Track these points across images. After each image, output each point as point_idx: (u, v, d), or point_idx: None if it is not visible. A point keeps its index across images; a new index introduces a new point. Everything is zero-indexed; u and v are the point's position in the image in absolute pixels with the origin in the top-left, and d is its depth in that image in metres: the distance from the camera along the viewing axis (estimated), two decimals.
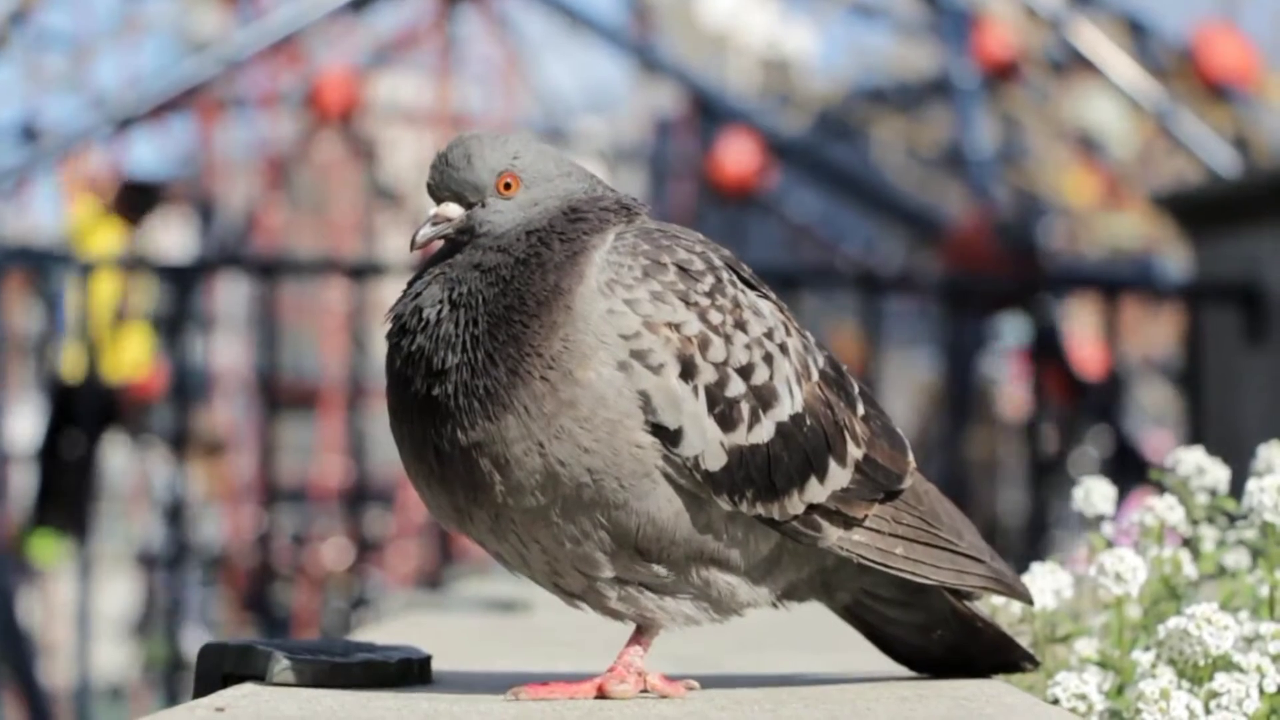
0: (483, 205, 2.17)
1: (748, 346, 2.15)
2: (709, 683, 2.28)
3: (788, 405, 2.16)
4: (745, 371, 2.14)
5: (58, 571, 12.40)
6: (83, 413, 9.95)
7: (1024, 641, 2.45)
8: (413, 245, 2.18)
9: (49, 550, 11.45)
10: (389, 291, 8.99)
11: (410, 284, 2.17)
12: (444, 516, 2.17)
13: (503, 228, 2.15)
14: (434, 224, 2.17)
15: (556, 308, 2.09)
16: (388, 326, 2.16)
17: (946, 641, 2.37)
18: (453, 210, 2.18)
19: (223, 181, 16.01)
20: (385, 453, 13.31)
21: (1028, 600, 2.39)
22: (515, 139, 2.20)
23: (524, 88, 16.86)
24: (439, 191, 2.19)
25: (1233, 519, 2.63)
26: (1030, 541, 9.00)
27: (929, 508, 2.29)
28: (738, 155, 12.62)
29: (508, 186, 2.17)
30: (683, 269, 2.15)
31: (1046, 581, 2.50)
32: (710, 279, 2.16)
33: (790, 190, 14.83)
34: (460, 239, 2.17)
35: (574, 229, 2.14)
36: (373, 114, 15.56)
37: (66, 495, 10.39)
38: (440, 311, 2.11)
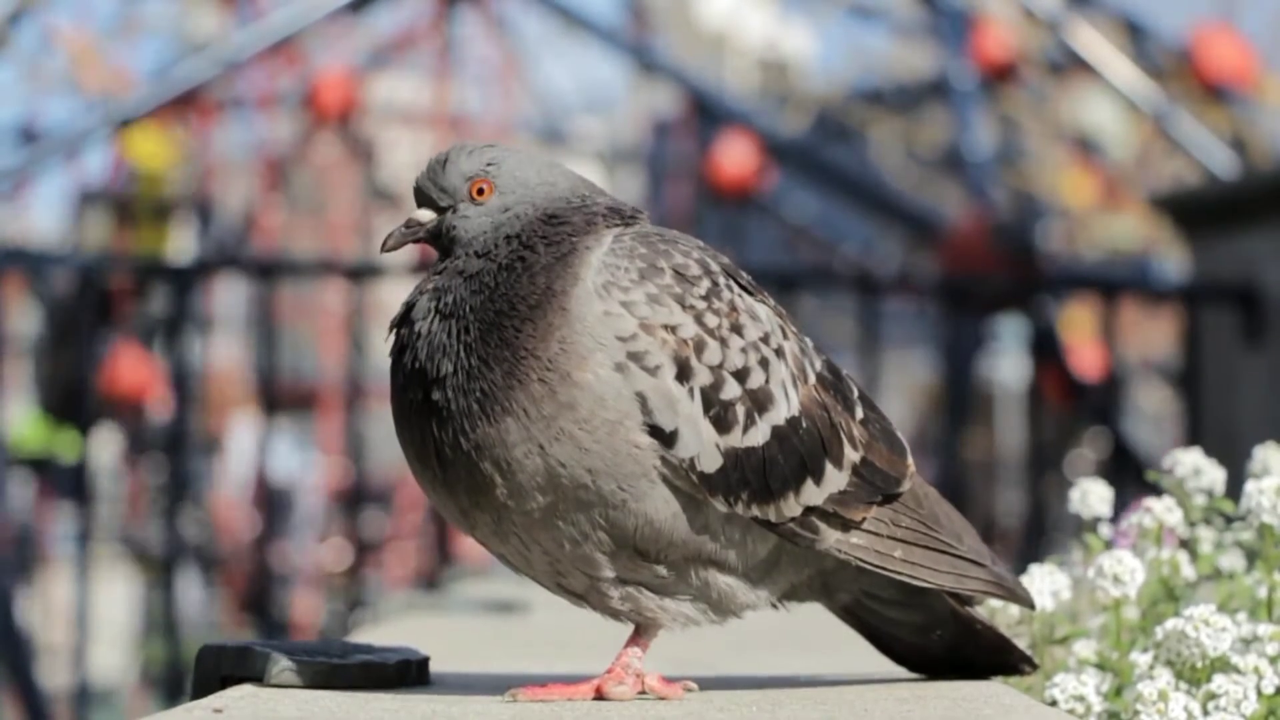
0: (454, 211, 2.19)
1: (744, 350, 2.15)
2: (707, 684, 2.28)
3: (783, 408, 2.17)
4: (741, 375, 2.14)
5: (57, 572, 12.41)
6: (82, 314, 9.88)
7: (1022, 643, 2.45)
8: (383, 248, 2.23)
9: (72, 443, 11.45)
10: (387, 293, 9.01)
11: (407, 298, 2.19)
12: (451, 519, 2.19)
13: (472, 233, 2.18)
14: (406, 228, 2.22)
15: (551, 309, 2.10)
16: (389, 342, 2.18)
17: (945, 642, 2.37)
18: (424, 215, 2.22)
19: (221, 182, 16.01)
20: (383, 454, 13.33)
21: (1029, 605, 2.39)
22: (498, 147, 2.22)
23: (522, 88, 16.86)
24: (419, 197, 2.22)
25: (1230, 520, 2.63)
26: (1028, 543, 9.00)
27: (929, 511, 2.29)
28: (736, 156, 12.61)
29: (480, 192, 2.20)
30: (679, 273, 2.16)
31: (1045, 583, 2.50)
32: (706, 283, 2.16)
33: (788, 191, 14.83)
34: (437, 244, 2.21)
35: (557, 232, 2.16)
36: (371, 115, 15.55)
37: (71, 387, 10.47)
38: (431, 323, 2.13)
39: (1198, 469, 2.64)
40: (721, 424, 2.12)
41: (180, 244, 14.29)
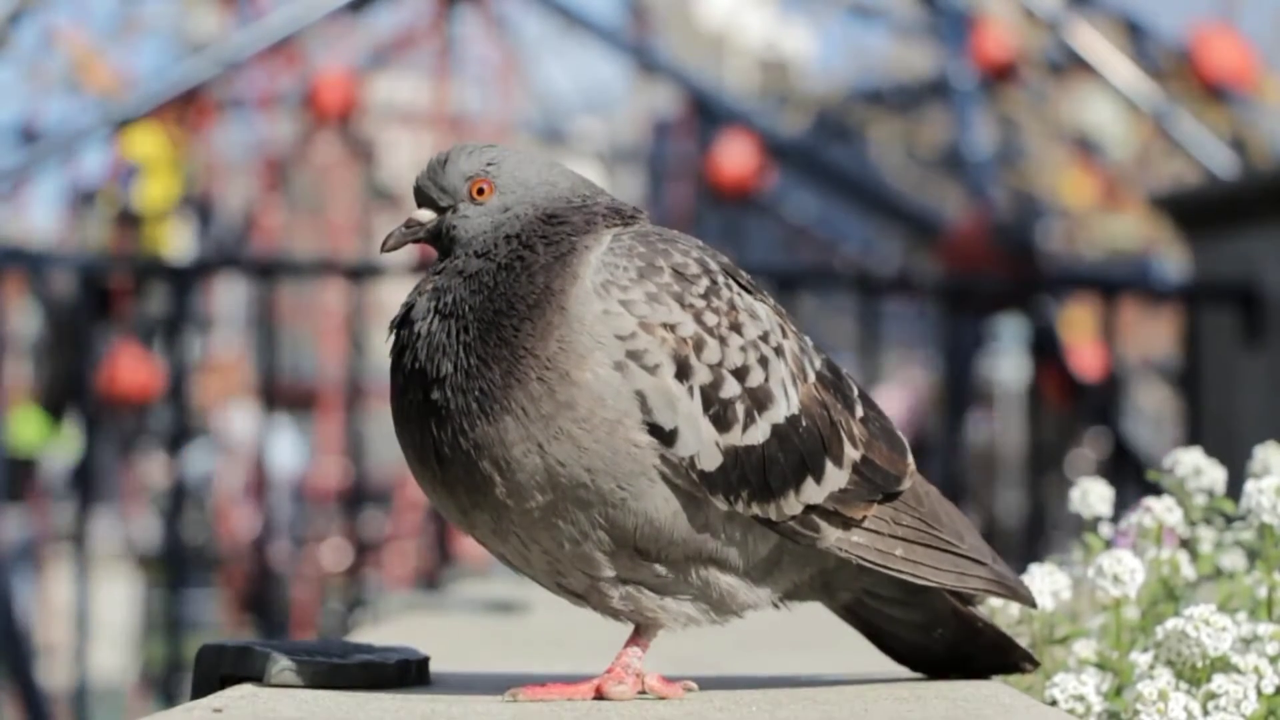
0: (454, 210, 2.19)
1: (743, 349, 2.15)
2: (707, 684, 2.28)
3: (783, 407, 2.17)
4: (740, 373, 2.14)
5: (57, 572, 12.40)
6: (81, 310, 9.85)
7: (1023, 642, 2.45)
8: (383, 248, 2.23)
9: (71, 442, 11.48)
10: (387, 293, 9.00)
11: (407, 298, 2.19)
12: (451, 519, 2.19)
13: (471, 233, 2.18)
14: (406, 228, 2.22)
15: (550, 309, 2.10)
16: (389, 343, 2.18)
17: (946, 641, 2.37)
18: (424, 215, 2.22)
19: (221, 182, 16.00)
20: (383, 454, 13.32)
21: (1030, 603, 2.38)
22: (499, 148, 2.23)
23: (522, 89, 16.86)
24: (419, 197, 2.23)
25: (1230, 520, 2.63)
26: (1028, 542, 9.00)
27: (929, 509, 2.29)
28: (736, 156, 12.60)
29: (480, 192, 2.20)
30: (678, 272, 2.15)
31: (1045, 583, 2.50)
32: (706, 282, 2.16)
33: (788, 191, 14.82)
34: (437, 244, 2.21)
35: (556, 232, 2.16)
36: (371, 115, 15.55)
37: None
38: (431, 323, 2.13)
39: (1198, 469, 2.64)
40: (721, 422, 2.12)
41: (180, 244, 14.30)
